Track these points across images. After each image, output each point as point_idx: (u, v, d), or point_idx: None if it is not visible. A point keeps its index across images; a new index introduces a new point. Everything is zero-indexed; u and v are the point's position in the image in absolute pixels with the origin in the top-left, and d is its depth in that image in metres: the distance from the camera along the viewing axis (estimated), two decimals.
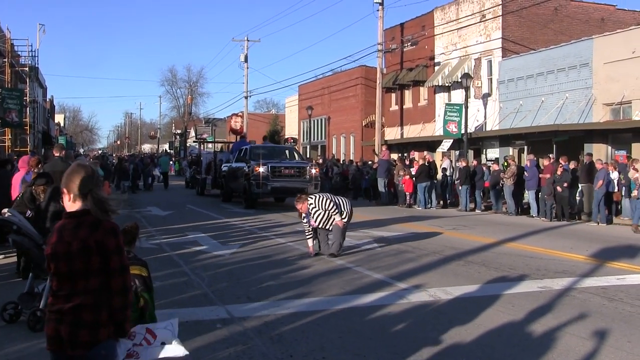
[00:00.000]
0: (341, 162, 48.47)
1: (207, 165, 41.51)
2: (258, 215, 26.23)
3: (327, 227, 15.51)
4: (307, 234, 15.72)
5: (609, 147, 31.46)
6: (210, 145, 61.44)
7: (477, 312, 9.82)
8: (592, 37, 34.40)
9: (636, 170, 23.13)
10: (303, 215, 15.51)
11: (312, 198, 15.50)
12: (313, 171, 29.97)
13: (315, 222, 15.37)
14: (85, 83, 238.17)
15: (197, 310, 9.96)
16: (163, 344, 4.91)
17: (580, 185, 26.57)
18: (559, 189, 25.55)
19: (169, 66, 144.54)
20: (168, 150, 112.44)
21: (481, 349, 8.09)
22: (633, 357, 7.81)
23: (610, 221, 25.26)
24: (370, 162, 41.91)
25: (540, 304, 10.36)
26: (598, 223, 24.62)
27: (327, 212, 15.29)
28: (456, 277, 12.76)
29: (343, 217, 15.45)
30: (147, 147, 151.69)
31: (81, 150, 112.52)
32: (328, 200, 15.38)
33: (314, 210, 15.29)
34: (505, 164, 30.39)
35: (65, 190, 4.55)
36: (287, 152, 33.74)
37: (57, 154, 15.86)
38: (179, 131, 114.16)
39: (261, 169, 28.71)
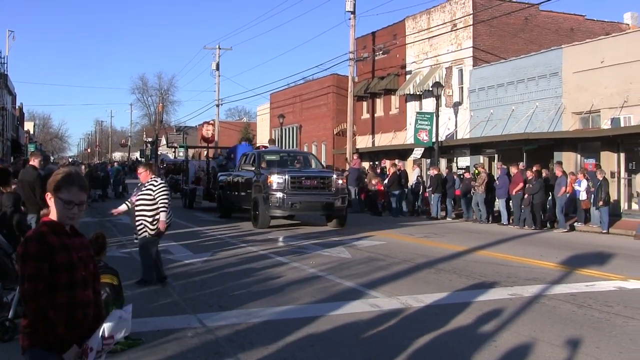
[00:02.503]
0: None
1: (197, 174, 37.59)
2: (230, 224, 26.18)
3: (144, 218, 12.48)
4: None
5: (578, 156, 31.71)
6: (181, 152, 60.75)
7: (448, 319, 9.84)
8: (561, 46, 34.68)
9: None
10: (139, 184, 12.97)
11: (160, 179, 13.01)
12: (340, 182, 24.77)
13: (136, 201, 12.63)
14: (55, 90, 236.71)
15: (168, 319, 9.89)
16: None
17: (551, 194, 26.76)
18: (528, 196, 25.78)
19: (140, 74, 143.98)
20: (138, 158, 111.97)
21: (452, 357, 8.11)
22: None
23: (572, 228, 25.52)
24: (342, 170, 41.91)
25: (510, 311, 10.40)
26: (566, 230, 24.85)
27: (158, 201, 12.45)
28: (427, 285, 12.78)
29: (168, 219, 12.79)
30: (118, 155, 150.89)
31: (51, 158, 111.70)
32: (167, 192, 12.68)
33: (158, 189, 12.52)
34: (476, 171, 30.53)
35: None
36: (302, 158, 28.74)
37: (32, 162, 15.76)
38: (150, 139, 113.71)
39: (277, 180, 23.66)
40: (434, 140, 36.61)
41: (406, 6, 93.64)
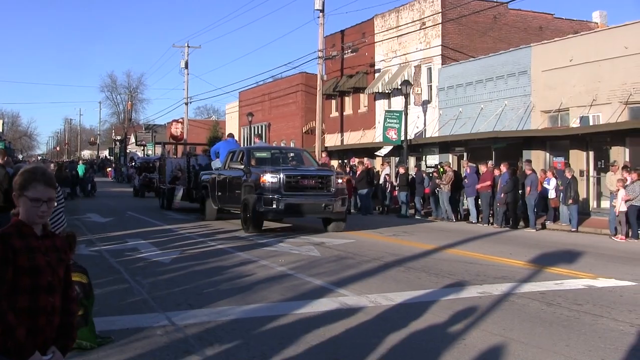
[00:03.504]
0: None
1: (173, 173, 35.13)
2: (198, 222, 26.04)
3: None
4: None
5: (547, 154, 31.80)
6: (150, 150, 60.30)
7: (418, 318, 9.72)
8: (530, 45, 34.79)
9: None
10: None
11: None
12: (339, 181, 22.63)
13: None
14: (24, 88, 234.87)
15: (137, 317, 9.75)
16: None
17: (520, 192, 26.78)
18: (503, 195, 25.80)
19: (109, 72, 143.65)
20: (107, 157, 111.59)
21: (422, 355, 7.98)
22: None
23: (543, 226, 25.58)
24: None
25: (480, 309, 10.29)
26: (537, 229, 24.87)
27: None
28: (397, 283, 12.67)
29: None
30: (87, 153, 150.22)
31: (20, 157, 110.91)
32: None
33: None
34: (442, 170, 30.46)
35: None
36: (295, 155, 26.16)
37: None
38: (119, 137, 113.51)
39: (271, 179, 21.54)
40: (402, 138, 36.55)
41: (375, 4, 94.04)
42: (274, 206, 21.30)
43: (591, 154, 29.65)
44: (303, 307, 10.44)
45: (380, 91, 45.23)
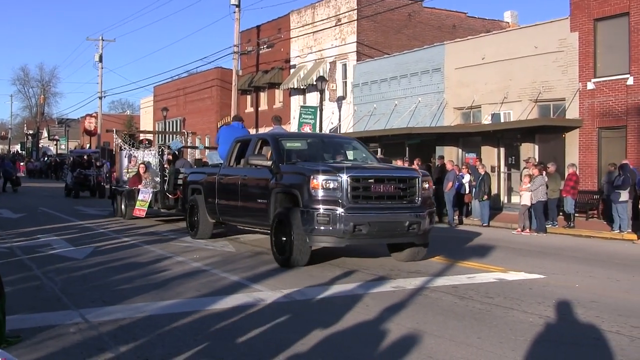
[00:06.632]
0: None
1: (128, 170, 28.31)
2: (113, 218, 25.58)
3: None
4: None
5: (460, 150, 32.32)
6: (63, 146, 58.71)
7: (333, 312, 9.71)
8: (444, 43, 35.29)
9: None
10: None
11: None
12: (426, 186, 14.40)
13: None
14: None
15: (50, 315, 9.48)
16: None
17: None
18: None
19: (20, 64, 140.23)
20: (19, 151, 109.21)
21: (337, 350, 7.98)
22: (483, 351, 7.86)
23: (460, 222, 25.92)
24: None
25: (394, 304, 10.34)
26: (454, 225, 25.18)
27: None
28: (311, 278, 12.64)
29: None
30: None
31: None
32: None
33: None
34: None
35: None
36: (341, 146, 17.51)
37: None
38: (31, 131, 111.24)
39: (329, 183, 13.47)
40: None
41: (291, 0, 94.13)
42: (335, 226, 13.32)
43: (502, 150, 30.27)
44: (218, 303, 10.34)
45: (295, 87, 45.32)
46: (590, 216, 26.49)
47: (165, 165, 24.56)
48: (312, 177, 13.56)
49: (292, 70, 46.91)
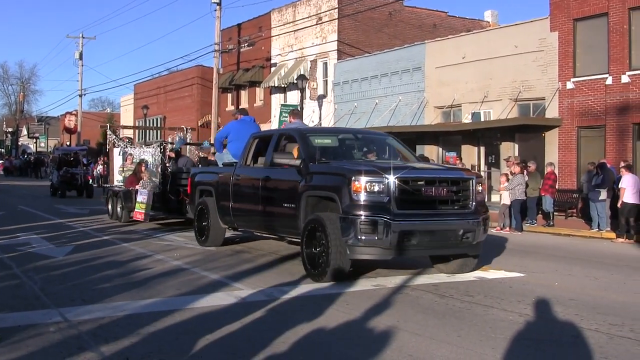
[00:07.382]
0: None
1: (126, 169, 25.47)
2: (93, 216, 25.43)
3: None
4: None
5: (440, 149, 32.43)
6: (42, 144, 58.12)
7: (314, 310, 9.70)
8: (424, 42, 35.36)
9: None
10: None
11: None
12: (480, 189, 12.74)
13: None
14: None
15: (29, 314, 9.40)
16: None
17: None
18: None
19: (0, 62, 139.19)
20: None
21: (318, 348, 7.98)
22: (463, 350, 7.88)
23: None
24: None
25: (375, 302, 10.35)
26: None
27: None
28: (292, 276, 12.63)
29: None
30: None
31: None
32: None
33: None
34: None
35: None
36: (376, 142, 15.72)
37: None
38: (10, 129, 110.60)
39: (373, 185, 11.58)
40: None
41: None
42: (380, 236, 11.39)
43: (482, 149, 30.38)
44: (199, 302, 10.31)
45: (276, 85, 45.31)
46: (570, 215, 26.61)
47: (167, 164, 22.55)
48: (353, 178, 11.67)
49: (272, 69, 46.88)
